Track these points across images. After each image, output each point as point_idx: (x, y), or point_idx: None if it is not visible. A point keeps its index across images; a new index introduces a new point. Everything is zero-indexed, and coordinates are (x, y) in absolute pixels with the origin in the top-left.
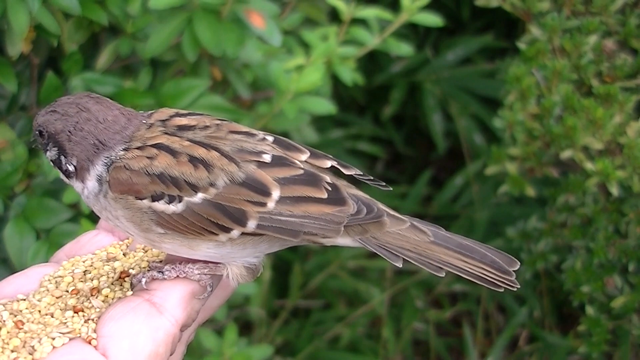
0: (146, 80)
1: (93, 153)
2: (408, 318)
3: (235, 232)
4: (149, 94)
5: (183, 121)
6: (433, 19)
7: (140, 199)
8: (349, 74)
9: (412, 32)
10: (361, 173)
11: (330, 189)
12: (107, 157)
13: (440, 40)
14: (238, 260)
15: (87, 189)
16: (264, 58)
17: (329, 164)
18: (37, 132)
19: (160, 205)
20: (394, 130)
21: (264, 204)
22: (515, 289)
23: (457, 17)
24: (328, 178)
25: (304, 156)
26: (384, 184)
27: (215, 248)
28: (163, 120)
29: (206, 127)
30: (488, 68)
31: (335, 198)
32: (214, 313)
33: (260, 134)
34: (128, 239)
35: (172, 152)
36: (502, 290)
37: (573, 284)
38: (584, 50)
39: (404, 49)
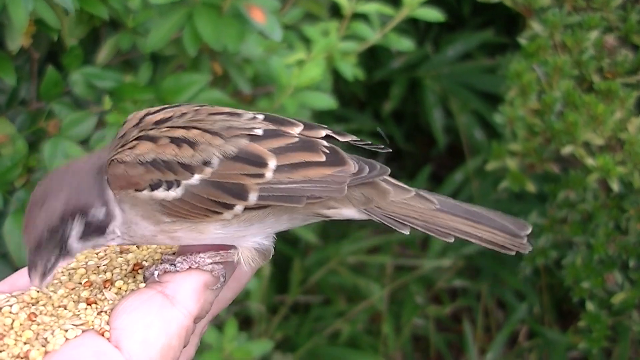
0: (146, 75)
1: (97, 178)
2: (408, 314)
3: (239, 207)
4: (150, 89)
5: (157, 117)
6: (434, 14)
7: (140, 191)
8: (350, 69)
9: (413, 27)
10: (357, 139)
11: (328, 152)
12: (105, 171)
13: (440, 36)
14: (248, 241)
15: (119, 218)
16: (264, 53)
17: (323, 133)
18: (47, 233)
19: (160, 194)
20: (394, 126)
21: (261, 175)
22: (526, 252)
23: (457, 13)
24: (325, 142)
25: (298, 129)
26: (382, 146)
27: (223, 228)
28: (136, 125)
29: (183, 114)
30: (488, 64)
31: (334, 159)
32: (227, 305)
33: (250, 114)
34: None
35: (151, 138)
36: (513, 253)
37: (573, 280)
38: (585, 46)
39: (405, 44)
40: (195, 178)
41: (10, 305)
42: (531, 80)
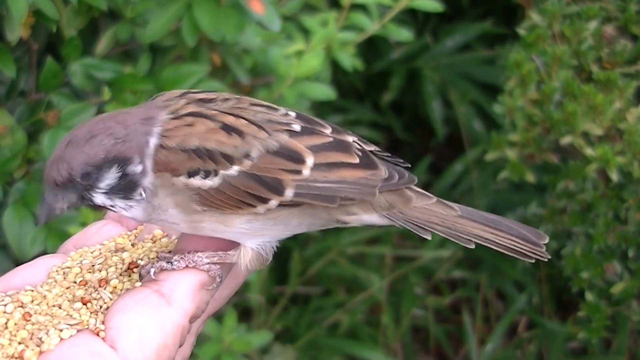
0: (145, 65)
1: (144, 135)
2: (407, 305)
3: (274, 202)
4: (149, 80)
5: (200, 95)
6: (432, 5)
7: (177, 176)
8: (349, 60)
9: (411, 18)
10: (380, 150)
11: (361, 154)
12: (154, 132)
13: (439, 27)
14: (257, 242)
15: (150, 186)
16: (263, 43)
17: (350, 139)
18: (81, 175)
19: (197, 181)
20: (394, 117)
21: (299, 172)
22: (546, 260)
23: (456, 4)
24: (357, 145)
25: (327, 130)
26: (402, 161)
27: (248, 223)
28: (178, 96)
29: (226, 99)
30: (487, 55)
31: (367, 162)
32: (224, 304)
33: (282, 109)
34: (137, 228)
35: (208, 117)
36: (533, 260)
37: (572, 270)
38: (584, 36)
39: (404, 34)
40: (234, 169)
41: (5, 305)
42: (530, 70)
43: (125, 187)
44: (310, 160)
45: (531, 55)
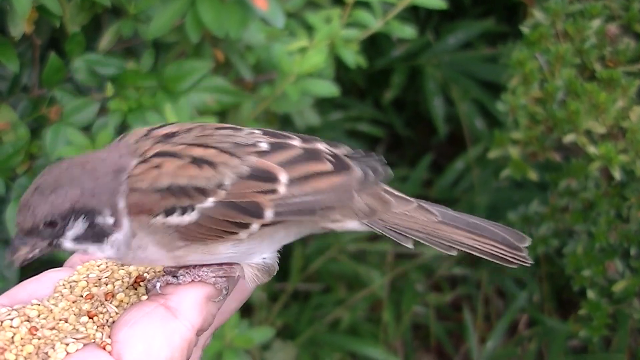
0: (149, 61)
1: (114, 186)
2: (408, 302)
3: (255, 226)
4: (152, 76)
5: (164, 131)
6: (435, 2)
7: (154, 217)
8: (352, 57)
9: (413, 16)
10: (352, 151)
11: (332, 159)
12: (123, 181)
13: (441, 25)
14: (254, 259)
15: (123, 234)
16: (266, 40)
17: (320, 145)
18: (44, 224)
19: (175, 219)
20: (395, 115)
21: (275, 191)
22: (528, 265)
23: (458, 2)
24: (327, 150)
25: (296, 141)
26: (379, 157)
27: (234, 247)
28: (144, 135)
29: (189, 129)
30: (489, 53)
31: (340, 166)
32: (230, 317)
33: (247, 129)
34: None
35: (176, 155)
36: (515, 266)
37: (574, 268)
38: (587, 34)
39: (407, 31)
40: (210, 201)
41: (11, 319)
42: (533, 68)
43: (95, 235)
44: (284, 177)
45: (534, 53)
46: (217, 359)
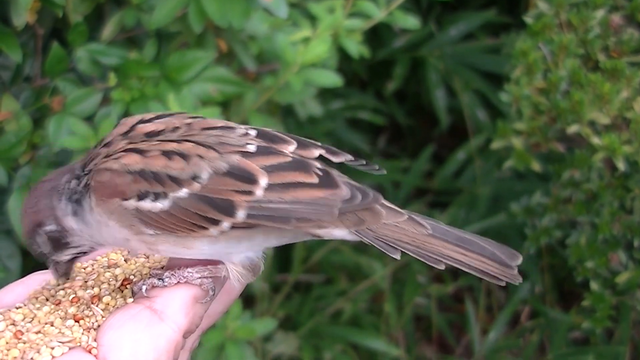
0: (151, 51)
1: (49, 200)
2: (410, 293)
3: (226, 224)
4: (154, 66)
5: (149, 127)
6: None
7: (126, 199)
8: (355, 47)
9: (415, 7)
10: (352, 159)
11: (321, 173)
12: (60, 192)
13: (442, 16)
14: (236, 258)
15: (75, 228)
16: (269, 30)
17: (317, 153)
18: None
19: (147, 204)
20: (396, 106)
21: (251, 193)
22: (517, 283)
23: None
24: (318, 164)
25: (292, 147)
26: (377, 167)
27: (210, 244)
28: (125, 133)
29: (176, 128)
30: (491, 43)
31: (327, 182)
32: (218, 319)
33: (242, 128)
34: None
35: (140, 152)
36: (503, 284)
37: (577, 259)
38: (590, 24)
39: (411, 21)
40: (184, 191)
41: None
42: (537, 59)
43: (61, 243)
44: (264, 180)
45: (538, 43)
46: (219, 350)
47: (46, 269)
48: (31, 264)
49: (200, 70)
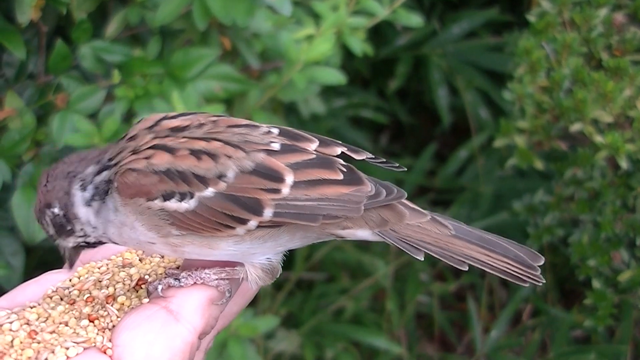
0: (155, 49)
1: (67, 185)
2: (412, 291)
3: (253, 223)
4: (158, 63)
5: (174, 123)
6: None
7: (152, 200)
8: (359, 45)
9: (418, 5)
10: (372, 156)
11: (345, 170)
12: (83, 181)
13: (445, 14)
14: (257, 260)
15: (83, 219)
16: (273, 28)
17: (338, 150)
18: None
19: (173, 204)
20: (399, 104)
21: (278, 191)
22: (540, 284)
23: None
24: (342, 161)
25: (314, 145)
26: (397, 164)
27: (235, 245)
28: (150, 127)
29: (201, 124)
30: (493, 42)
31: (351, 178)
32: (233, 320)
33: (264, 127)
34: None
35: (169, 149)
36: (527, 285)
37: (579, 257)
38: (593, 23)
39: (414, 19)
40: (210, 190)
41: (11, 322)
42: (540, 57)
43: (66, 230)
44: (290, 178)
45: (541, 42)
46: (221, 347)
47: (57, 268)
48: (34, 261)
49: (204, 67)
